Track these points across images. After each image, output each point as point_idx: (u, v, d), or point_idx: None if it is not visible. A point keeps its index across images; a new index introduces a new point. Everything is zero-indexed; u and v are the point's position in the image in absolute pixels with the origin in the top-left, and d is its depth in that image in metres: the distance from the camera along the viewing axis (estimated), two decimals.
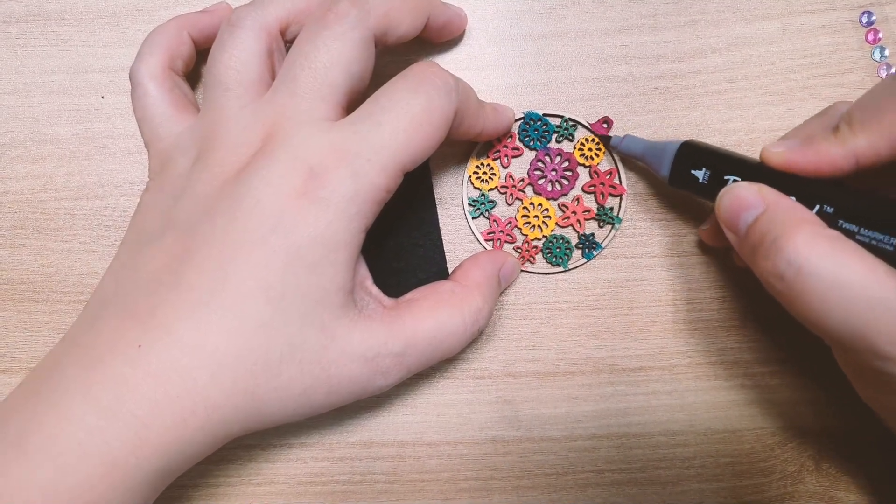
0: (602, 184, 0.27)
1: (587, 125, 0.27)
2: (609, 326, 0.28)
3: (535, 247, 0.28)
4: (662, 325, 0.28)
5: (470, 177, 0.28)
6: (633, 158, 0.27)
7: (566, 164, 0.28)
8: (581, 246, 0.28)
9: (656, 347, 0.28)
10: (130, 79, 0.25)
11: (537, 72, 0.28)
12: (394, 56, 0.28)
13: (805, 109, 0.28)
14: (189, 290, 0.20)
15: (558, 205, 0.28)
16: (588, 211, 0.28)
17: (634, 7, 0.28)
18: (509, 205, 0.28)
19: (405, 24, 0.23)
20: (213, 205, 0.21)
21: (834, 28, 0.28)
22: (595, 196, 0.28)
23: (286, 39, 0.24)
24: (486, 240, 0.28)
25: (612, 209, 0.28)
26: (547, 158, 0.28)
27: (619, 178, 0.27)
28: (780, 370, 0.28)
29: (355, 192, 0.20)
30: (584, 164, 0.28)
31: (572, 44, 0.28)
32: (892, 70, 0.27)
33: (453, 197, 0.28)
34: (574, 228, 0.28)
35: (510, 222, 0.28)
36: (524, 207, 0.28)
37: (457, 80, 0.23)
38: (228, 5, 0.27)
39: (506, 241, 0.28)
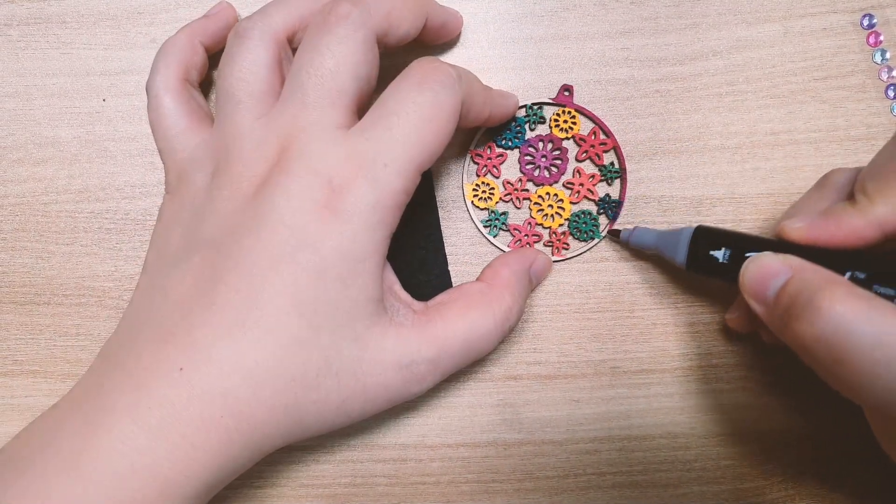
0: (592, 146, 0.28)
1: (551, 101, 0.28)
2: (610, 329, 0.28)
3: (563, 233, 0.28)
4: (663, 328, 0.28)
5: (472, 202, 0.28)
6: (646, 250, 0.26)
7: (550, 145, 0.28)
8: (603, 210, 0.28)
9: (657, 350, 0.28)
10: (147, 92, 0.25)
11: (538, 74, 0.28)
12: (393, 59, 0.28)
13: (806, 112, 0.28)
14: (223, 312, 0.20)
15: (563, 185, 0.28)
16: (593, 176, 0.28)
17: (635, 10, 0.28)
18: (518, 208, 0.28)
19: (406, 23, 0.23)
20: (237, 223, 0.21)
21: (835, 31, 0.28)
22: (592, 160, 0.28)
23: (293, 46, 0.24)
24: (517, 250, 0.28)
25: (612, 163, 0.28)
26: (532, 149, 0.28)
27: (604, 131, 0.27)
28: (781, 373, 0.28)
29: (376, 200, 0.20)
30: (566, 137, 0.28)
31: (573, 47, 0.28)
32: (894, 73, 0.27)
33: (454, 199, 0.28)
34: (588, 198, 0.28)
35: (529, 223, 0.28)
36: (534, 203, 0.28)
37: (459, 70, 0.23)
38: (230, 5, 0.27)
39: (534, 242, 0.28)
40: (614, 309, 0.28)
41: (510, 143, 0.28)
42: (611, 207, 0.28)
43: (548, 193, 0.28)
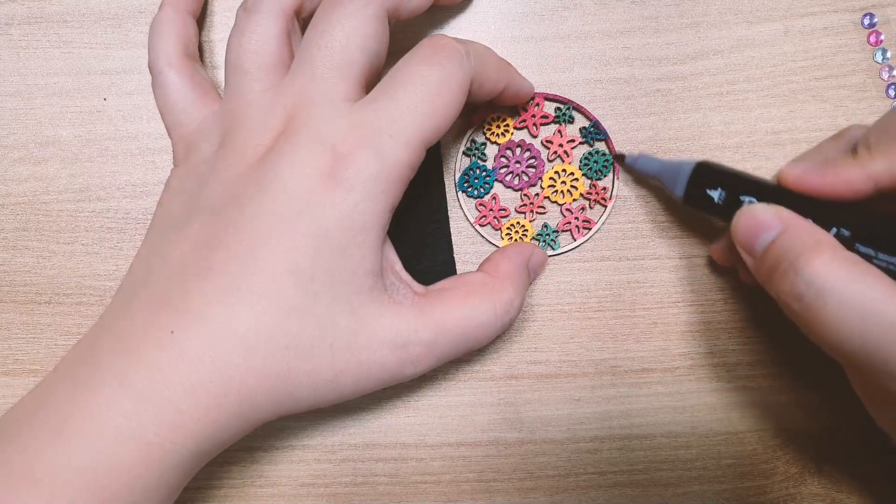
0: (532, 116, 0.28)
1: (474, 128, 0.28)
2: (611, 328, 0.28)
3: (603, 188, 0.28)
4: (664, 327, 0.28)
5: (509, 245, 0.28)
6: (648, 177, 0.27)
7: (509, 152, 0.28)
8: (588, 139, 0.28)
9: (658, 349, 0.28)
10: (150, 69, 0.25)
11: (539, 74, 0.28)
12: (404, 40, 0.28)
13: (807, 111, 0.28)
14: (219, 276, 0.20)
15: (548, 159, 0.28)
16: (558, 131, 0.28)
17: (636, 9, 0.28)
18: (544, 211, 0.28)
19: None
20: (239, 189, 0.21)
21: (836, 30, 0.28)
22: (535, 125, 0.28)
23: (300, 19, 0.24)
24: (577, 237, 0.28)
25: (557, 108, 0.28)
26: (504, 170, 0.28)
27: (525, 101, 0.27)
28: (782, 372, 0.28)
29: (380, 171, 0.20)
30: (511, 136, 0.28)
31: (574, 46, 0.28)
32: (894, 72, 0.27)
33: (452, 198, 0.28)
34: (572, 143, 0.28)
35: (572, 210, 0.28)
36: (553, 191, 0.28)
37: (469, 46, 0.22)
38: None
39: (583, 220, 0.28)
40: (615, 308, 0.28)
41: (488, 186, 0.28)
42: (592, 133, 0.28)
43: (550, 178, 0.28)
